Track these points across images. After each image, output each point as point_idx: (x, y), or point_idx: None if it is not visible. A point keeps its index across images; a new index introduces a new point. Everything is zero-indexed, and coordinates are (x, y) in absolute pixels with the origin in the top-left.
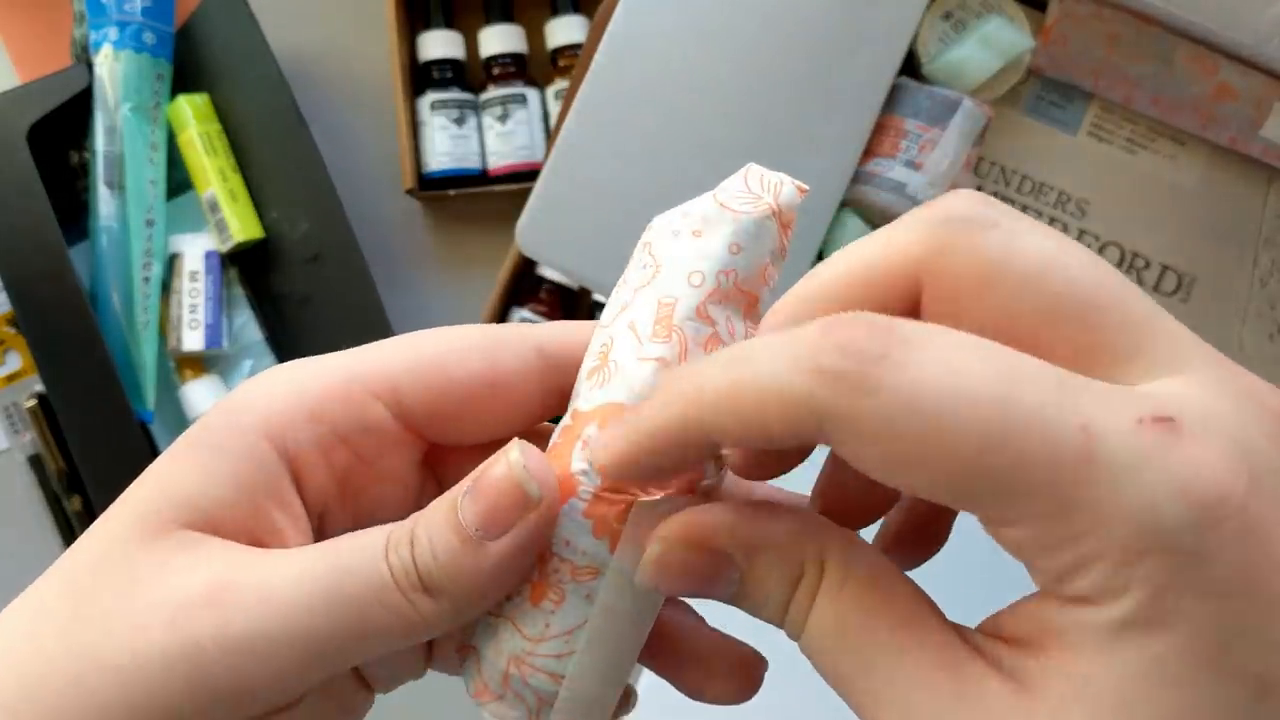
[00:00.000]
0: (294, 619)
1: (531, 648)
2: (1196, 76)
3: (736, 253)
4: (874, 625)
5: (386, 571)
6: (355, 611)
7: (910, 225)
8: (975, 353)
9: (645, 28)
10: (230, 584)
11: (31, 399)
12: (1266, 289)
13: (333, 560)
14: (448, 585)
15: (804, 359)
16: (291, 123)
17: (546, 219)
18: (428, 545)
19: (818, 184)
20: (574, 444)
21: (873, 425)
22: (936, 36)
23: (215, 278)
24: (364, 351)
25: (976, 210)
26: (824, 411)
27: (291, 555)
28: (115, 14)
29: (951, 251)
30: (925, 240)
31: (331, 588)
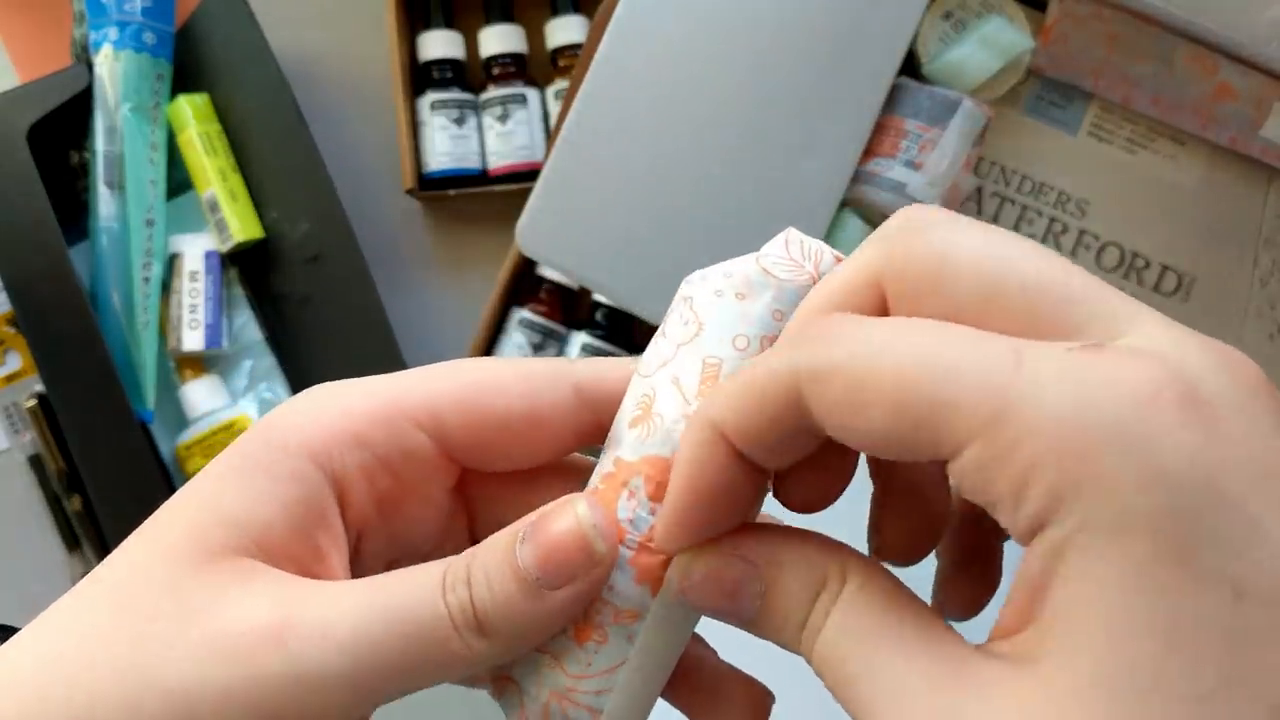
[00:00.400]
0: (355, 656)
1: (573, 684)
2: (1196, 76)
3: (779, 320)
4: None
5: (444, 611)
6: (414, 650)
7: (868, 242)
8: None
9: (645, 27)
10: (291, 620)
11: (31, 399)
12: (1266, 289)
13: (391, 598)
14: (504, 628)
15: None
16: (291, 123)
17: (546, 219)
18: (485, 588)
19: (818, 184)
20: (620, 492)
21: (835, 372)
22: (936, 36)
23: (215, 278)
24: (407, 377)
25: (921, 215)
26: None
27: (348, 590)
28: (115, 14)
29: (901, 255)
30: (879, 250)
31: (391, 626)
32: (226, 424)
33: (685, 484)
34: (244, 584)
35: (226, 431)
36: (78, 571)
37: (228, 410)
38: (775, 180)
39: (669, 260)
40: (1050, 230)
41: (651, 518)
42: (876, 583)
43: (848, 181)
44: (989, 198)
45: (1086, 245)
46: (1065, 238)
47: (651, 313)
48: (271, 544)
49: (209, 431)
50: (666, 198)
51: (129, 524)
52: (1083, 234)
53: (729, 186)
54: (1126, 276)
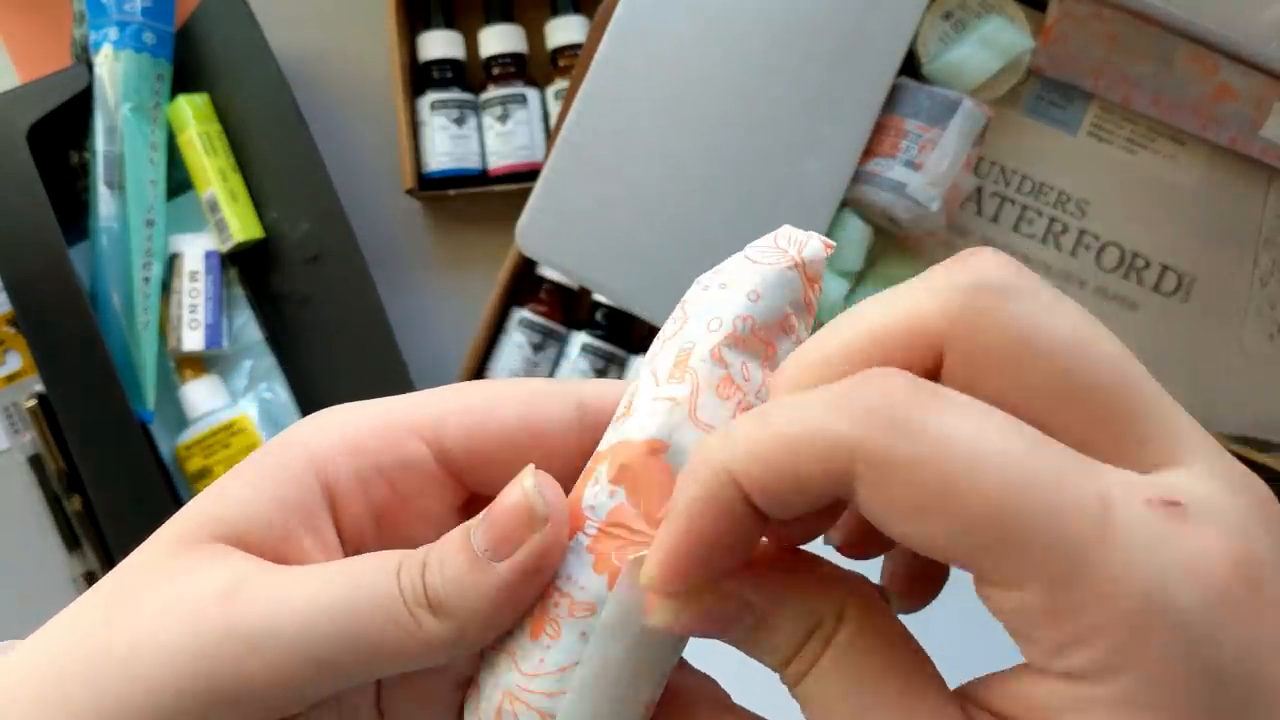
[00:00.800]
0: (300, 623)
1: (525, 682)
2: (1196, 76)
3: (755, 300)
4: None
5: (395, 588)
6: (361, 623)
7: (937, 290)
8: (1004, 420)
9: (645, 28)
10: (244, 584)
11: (31, 399)
12: (1267, 289)
13: (345, 574)
14: (454, 603)
15: (844, 402)
16: (291, 123)
17: (546, 219)
18: (437, 566)
19: (818, 184)
20: (587, 481)
21: (902, 467)
22: (936, 36)
23: (215, 278)
24: (414, 396)
25: (1006, 279)
26: (859, 449)
27: (308, 568)
28: (115, 14)
29: (978, 323)
30: (952, 309)
31: (339, 598)
32: (226, 424)
33: (685, 529)
34: (212, 560)
35: (226, 431)
36: (78, 571)
37: (228, 410)
38: (775, 180)
39: (669, 260)
40: (1050, 230)
41: (611, 500)
42: (872, 626)
43: (848, 181)
44: (989, 198)
45: (1086, 245)
46: (1065, 238)
47: (651, 313)
48: (254, 539)
49: (209, 431)
50: (666, 198)
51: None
52: (1083, 234)
53: (729, 186)
54: (1126, 276)
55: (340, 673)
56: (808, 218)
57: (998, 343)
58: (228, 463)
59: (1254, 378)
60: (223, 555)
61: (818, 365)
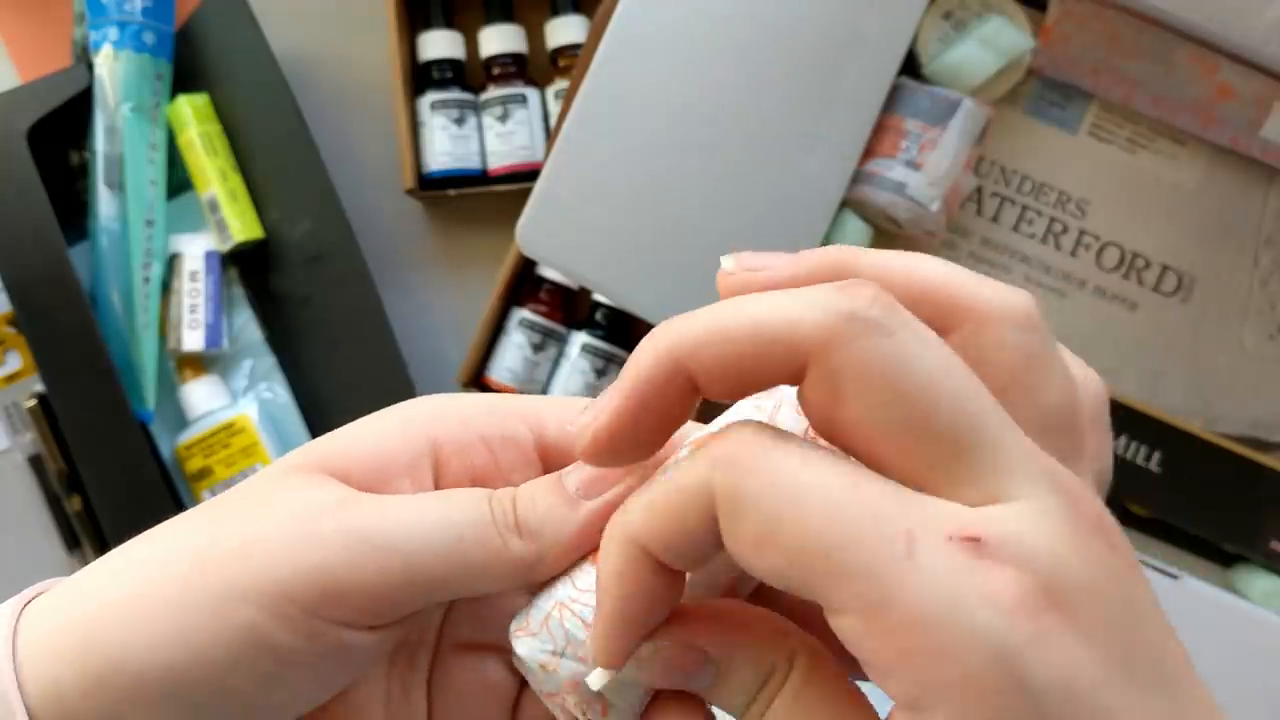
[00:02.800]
0: (406, 533)
1: (577, 595)
2: (1196, 76)
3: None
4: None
5: (488, 510)
6: (455, 537)
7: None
8: (830, 459)
9: (645, 28)
10: (352, 501)
11: (31, 399)
12: (1267, 289)
13: (443, 497)
14: (540, 529)
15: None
16: (291, 123)
17: (546, 219)
18: (528, 499)
19: (818, 184)
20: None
21: (743, 506)
22: (936, 36)
23: (215, 278)
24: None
25: (880, 315)
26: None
27: (406, 496)
28: (115, 14)
29: (844, 350)
30: (823, 331)
31: (437, 516)
32: (226, 424)
33: (612, 601)
34: (321, 482)
35: (226, 431)
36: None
37: (228, 410)
38: (775, 180)
39: (669, 260)
40: (1050, 230)
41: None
42: (820, 674)
43: (848, 181)
44: (989, 198)
45: (1086, 245)
46: (1065, 238)
47: (651, 313)
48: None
49: (209, 431)
50: (667, 198)
51: (129, 524)
52: (1083, 234)
53: (729, 186)
54: (1126, 276)
55: (434, 584)
56: (808, 218)
57: (858, 373)
58: (228, 463)
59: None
60: (328, 480)
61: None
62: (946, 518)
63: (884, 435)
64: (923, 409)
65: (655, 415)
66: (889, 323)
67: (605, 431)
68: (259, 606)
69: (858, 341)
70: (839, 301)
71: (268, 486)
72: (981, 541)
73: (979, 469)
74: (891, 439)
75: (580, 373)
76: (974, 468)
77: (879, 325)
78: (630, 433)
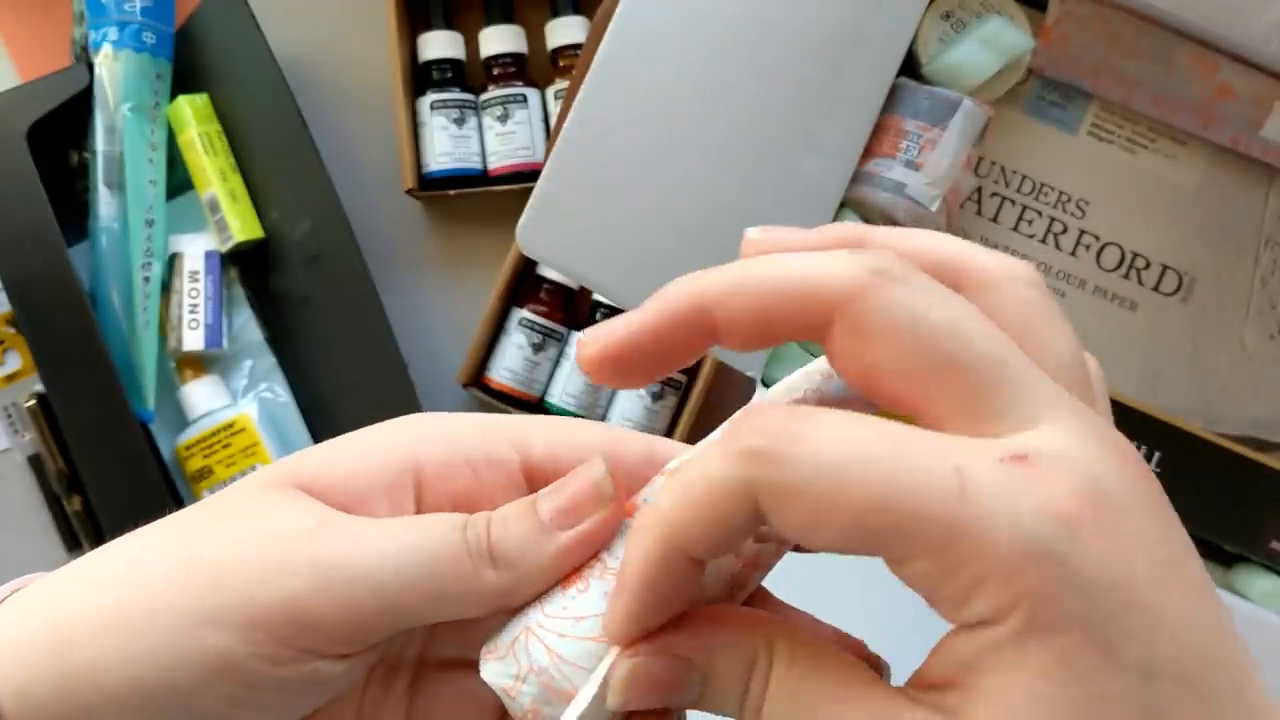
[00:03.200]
0: (374, 561)
1: (545, 621)
2: (1197, 76)
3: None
4: (823, 692)
5: (461, 539)
6: (427, 567)
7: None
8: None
9: (645, 28)
10: (326, 525)
11: (31, 399)
12: (1267, 288)
13: (415, 524)
14: (513, 560)
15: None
16: (291, 123)
17: (546, 219)
18: (502, 526)
19: (818, 184)
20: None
21: (791, 493)
22: (936, 36)
23: (215, 278)
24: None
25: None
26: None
27: (380, 520)
28: (115, 14)
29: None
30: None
31: (410, 542)
32: (226, 424)
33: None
34: (296, 501)
35: (226, 431)
36: None
37: (228, 410)
38: (775, 180)
39: (669, 260)
40: (1050, 230)
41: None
42: (802, 650)
43: (847, 181)
44: (989, 198)
45: (1086, 245)
46: (1065, 238)
47: None
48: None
49: (209, 431)
50: (667, 198)
51: (129, 524)
52: (1083, 234)
53: (729, 186)
54: (1126, 276)
55: (407, 612)
56: (808, 218)
57: (887, 319)
58: (228, 463)
59: (1254, 378)
60: (304, 499)
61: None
62: (990, 446)
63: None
64: (950, 348)
65: (666, 346)
66: (910, 277)
67: (615, 346)
68: (229, 632)
69: (884, 290)
70: (863, 259)
71: (247, 503)
72: (1029, 457)
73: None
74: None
75: (580, 373)
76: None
77: (902, 278)
78: (637, 355)
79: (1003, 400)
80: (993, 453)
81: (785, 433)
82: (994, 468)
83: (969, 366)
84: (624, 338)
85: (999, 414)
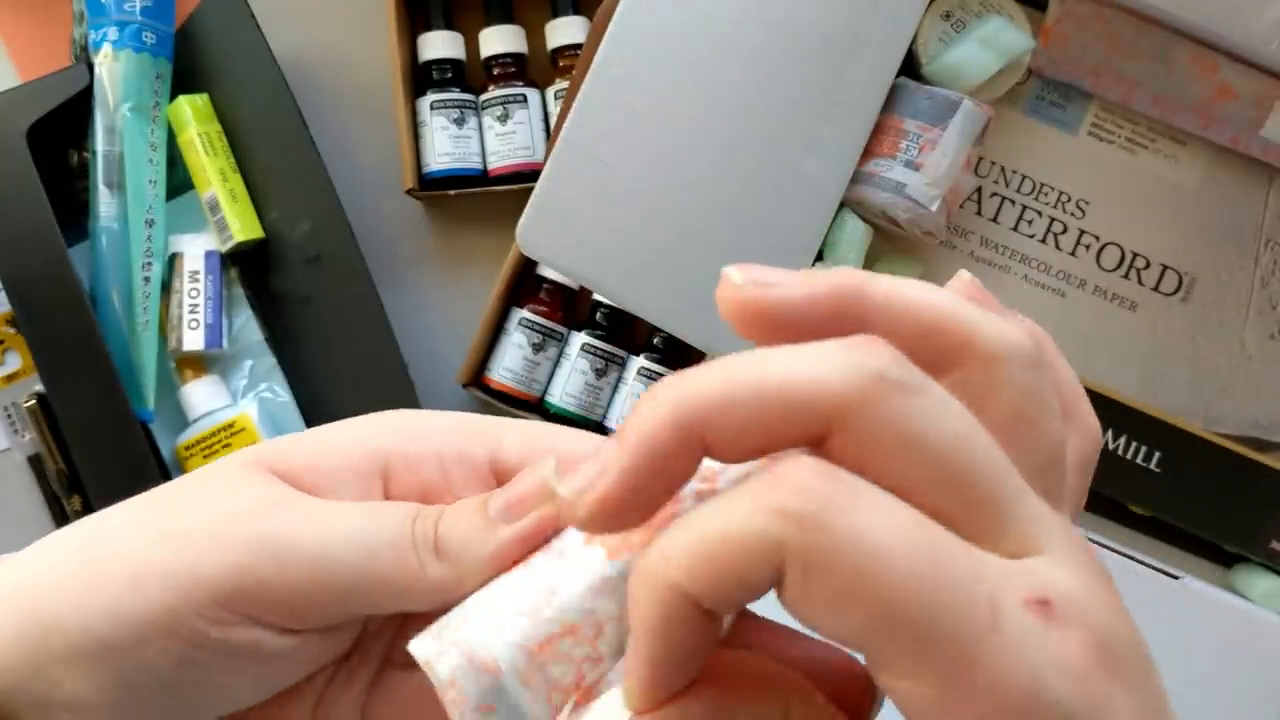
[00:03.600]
0: (318, 539)
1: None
2: (1196, 76)
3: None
4: None
5: (409, 530)
6: (371, 554)
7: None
8: (911, 515)
9: (645, 28)
10: (279, 503)
11: (31, 399)
12: (1267, 289)
13: (366, 511)
14: (458, 552)
15: (766, 500)
16: (292, 123)
17: (546, 219)
18: (451, 519)
19: (818, 184)
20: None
21: (822, 565)
22: (936, 37)
23: (215, 278)
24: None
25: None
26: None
27: (336, 503)
28: (115, 14)
29: (874, 410)
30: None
31: (356, 528)
32: (227, 424)
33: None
34: (257, 480)
35: (227, 431)
36: None
37: (228, 410)
38: (775, 180)
39: (669, 260)
40: (1050, 230)
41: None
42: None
43: (847, 181)
44: (989, 198)
45: (1086, 245)
46: (1065, 238)
47: (651, 313)
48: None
49: (209, 431)
50: (667, 198)
51: None
52: (1083, 234)
53: (729, 186)
54: (1127, 276)
55: (345, 595)
56: (808, 218)
57: (889, 432)
58: None
59: (1254, 378)
60: (268, 479)
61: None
62: (1015, 580)
63: (919, 493)
64: (955, 467)
65: (662, 481)
66: (913, 382)
67: (608, 502)
68: (174, 592)
69: (887, 402)
70: (864, 361)
71: (217, 479)
72: (1051, 603)
73: (1011, 522)
74: (926, 491)
75: (580, 373)
76: (1006, 521)
77: (905, 385)
78: (632, 502)
79: (1004, 521)
80: (1020, 589)
81: (831, 502)
82: (1021, 609)
83: (974, 484)
84: (612, 492)
85: (999, 532)
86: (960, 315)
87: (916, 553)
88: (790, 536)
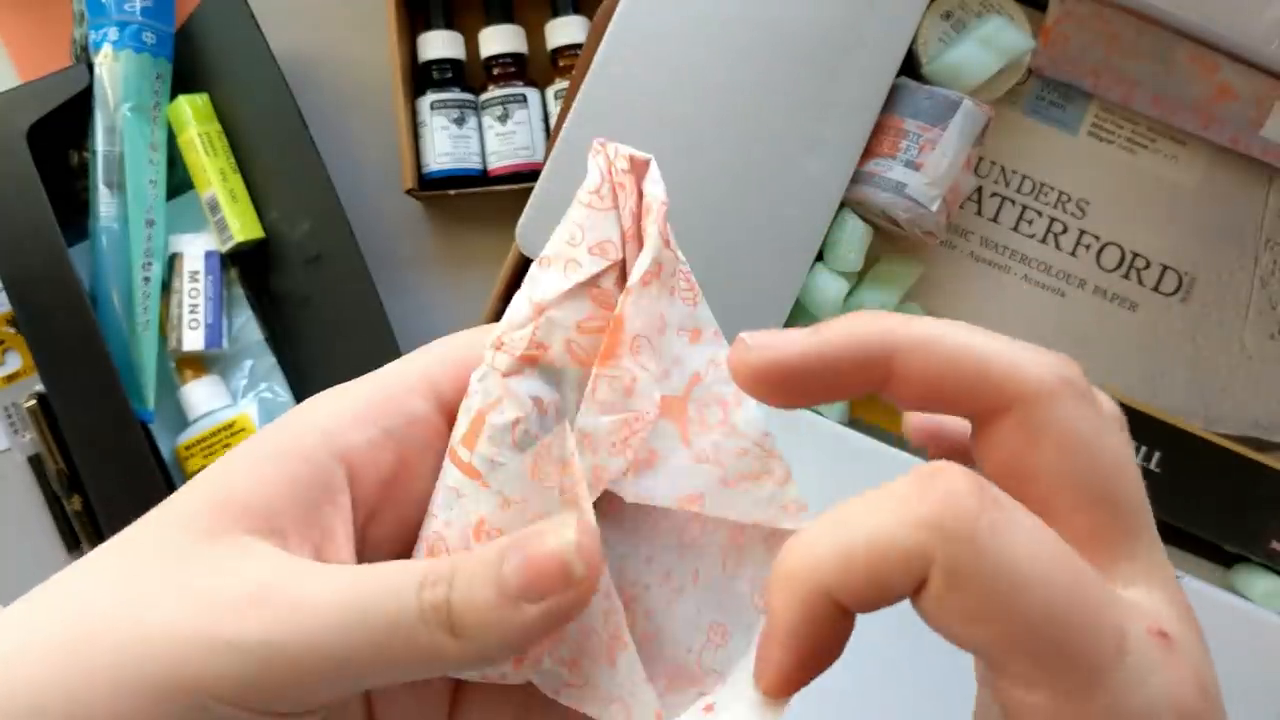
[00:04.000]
0: (324, 632)
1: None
2: (1197, 76)
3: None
4: None
5: (415, 605)
6: (380, 637)
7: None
8: (1055, 539)
9: (645, 28)
10: (274, 588)
11: (31, 399)
12: (1267, 289)
13: (370, 584)
14: (476, 634)
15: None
16: (291, 123)
17: (546, 219)
18: (465, 590)
19: (818, 184)
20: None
21: (970, 577)
22: (936, 36)
23: (215, 278)
24: (395, 363)
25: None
26: (932, 558)
27: (334, 572)
28: (115, 14)
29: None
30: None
31: (363, 611)
32: (227, 424)
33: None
34: (241, 557)
35: (227, 431)
36: None
37: (228, 410)
38: (775, 180)
39: None
40: (1050, 230)
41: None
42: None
43: (847, 181)
44: (989, 198)
45: (1086, 245)
46: (1065, 238)
47: None
48: (279, 523)
49: (209, 431)
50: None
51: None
52: (1083, 234)
53: (728, 186)
54: (1127, 276)
55: (355, 681)
56: (808, 218)
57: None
58: None
59: (1254, 378)
60: (251, 550)
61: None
62: (1141, 614)
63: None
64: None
65: (836, 377)
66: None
67: (788, 360)
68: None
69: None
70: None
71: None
72: (1170, 638)
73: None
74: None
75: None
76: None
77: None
78: (805, 376)
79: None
80: (1143, 622)
81: (983, 519)
82: (1145, 639)
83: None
84: (800, 353)
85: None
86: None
87: (1059, 576)
88: (938, 548)
